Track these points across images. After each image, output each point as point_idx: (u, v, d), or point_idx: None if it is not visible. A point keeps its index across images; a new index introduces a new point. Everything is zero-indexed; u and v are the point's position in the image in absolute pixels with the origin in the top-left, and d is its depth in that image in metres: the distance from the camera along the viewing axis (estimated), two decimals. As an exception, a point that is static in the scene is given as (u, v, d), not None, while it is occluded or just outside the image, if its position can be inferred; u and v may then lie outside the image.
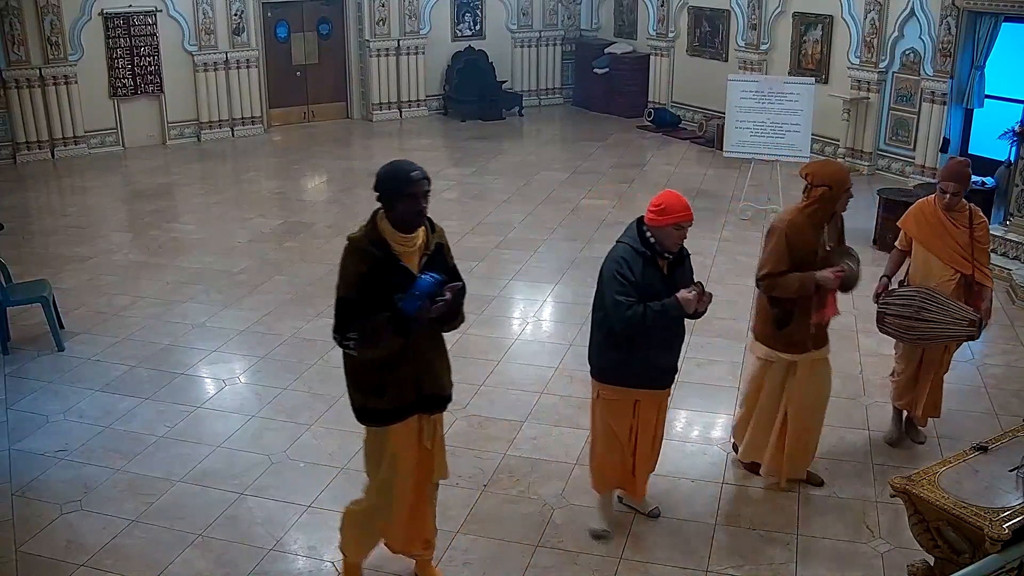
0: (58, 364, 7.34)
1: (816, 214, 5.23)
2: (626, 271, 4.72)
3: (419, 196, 4.13)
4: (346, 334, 4.14)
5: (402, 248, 4.21)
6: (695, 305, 4.69)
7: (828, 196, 5.17)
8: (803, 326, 5.31)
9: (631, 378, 4.93)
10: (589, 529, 5.27)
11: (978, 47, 11.27)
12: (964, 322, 5.58)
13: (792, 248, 5.20)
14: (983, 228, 5.79)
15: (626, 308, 4.68)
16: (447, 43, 16.61)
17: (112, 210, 11.63)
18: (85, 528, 5.34)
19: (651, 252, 4.78)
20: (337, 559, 5.06)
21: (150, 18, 14.03)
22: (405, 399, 4.33)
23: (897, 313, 5.72)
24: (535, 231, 10.54)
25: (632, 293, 4.69)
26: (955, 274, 5.75)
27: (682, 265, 4.92)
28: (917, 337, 5.78)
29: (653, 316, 4.67)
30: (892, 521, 5.32)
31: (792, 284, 5.20)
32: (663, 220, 4.71)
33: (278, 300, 8.60)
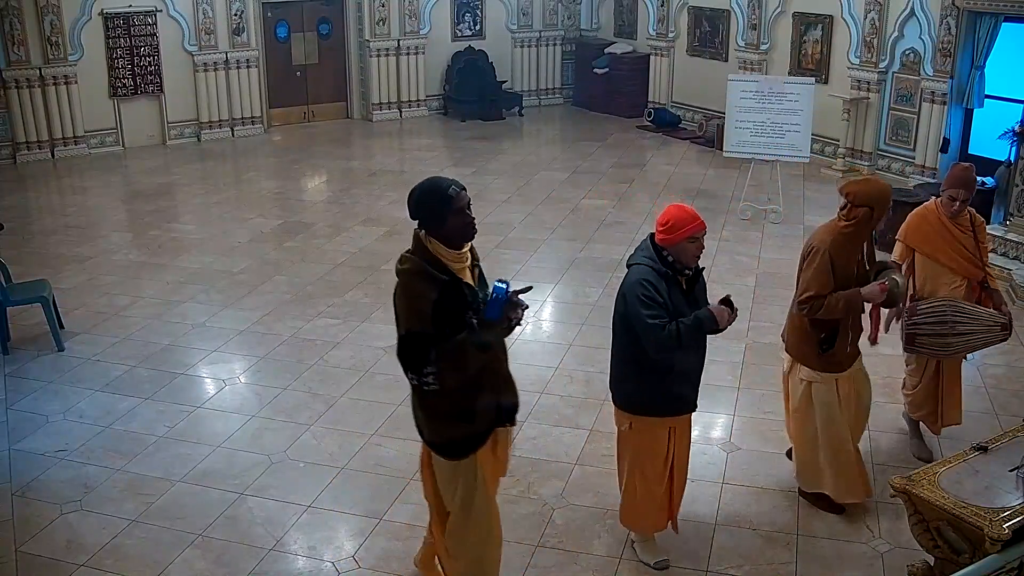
0: (58, 364, 7.34)
1: (857, 233, 5.07)
2: (652, 293, 4.50)
3: (465, 209, 3.96)
4: (423, 370, 3.86)
5: (457, 265, 4.01)
6: (726, 319, 4.53)
7: (870, 217, 5.01)
8: (844, 345, 5.17)
9: (667, 406, 4.76)
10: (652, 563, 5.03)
11: (978, 47, 11.27)
12: (996, 327, 5.54)
13: (835, 268, 5.04)
14: (983, 229, 5.77)
15: (660, 329, 4.47)
16: (447, 43, 16.61)
17: (112, 210, 11.63)
18: (85, 528, 5.34)
19: (671, 271, 4.60)
20: (338, 559, 5.06)
21: (150, 18, 14.03)
22: (490, 419, 4.18)
23: (930, 332, 5.56)
24: (535, 231, 10.54)
25: (663, 314, 4.50)
26: (963, 280, 5.69)
27: (699, 280, 4.77)
28: (954, 352, 5.66)
29: (688, 332, 4.50)
30: (892, 521, 5.32)
31: (838, 304, 5.02)
32: (675, 237, 4.53)
33: (278, 300, 8.60)
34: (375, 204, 11.66)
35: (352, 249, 9.95)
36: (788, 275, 6.02)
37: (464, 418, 4.08)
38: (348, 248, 9.98)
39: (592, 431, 6.30)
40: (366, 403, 6.67)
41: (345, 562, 5.06)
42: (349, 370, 7.21)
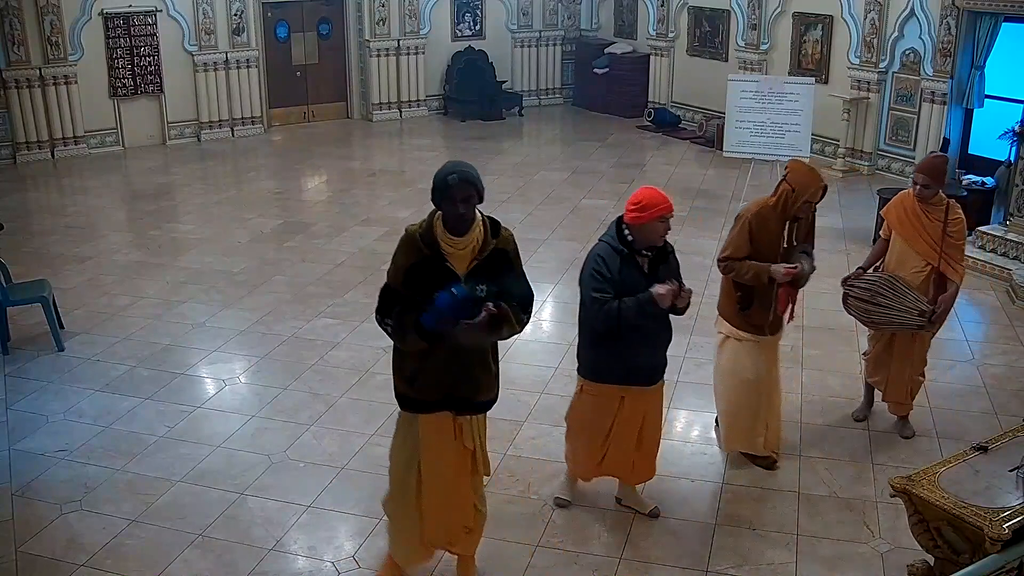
0: (58, 364, 7.34)
1: (779, 209, 5.47)
2: (603, 268, 4.80)
3: (455, 200, 4.08)
4: (384, 319, 4.26)
5: (451, 249, 4.19)
6: (670, 300, 4.73)
7: (789, 197, 5.42)
8: (763, 311, 5.60)
9: (615, 375, 5.01)
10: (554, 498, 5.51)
11: (978, 47, 11.28)
12: (915, 311, 5.77)
13: (754, 237, 5.47)
14: (958, 224, 5.88)
15: (602, 304, 4.78)
16: (447, 43, 16.61)
17: (112, 210, 11.63)
18: (85, 528, 5.34)
19: (629, 250, 4.84)
20: (338, 559, 5.07)
21: (150, 18, 14.02)
22: (433, 394, 4.37)
23: (857, 296, 5.96)
24: (535, 231, 10.53)
25: (608, 290, 4.78)
26: (926, 266, 5.89)
27: (666, 262, 4.96)
28: (872, 321, 6.01)
29: (628, 311, 4.75)
30: (892, 521, 5.32)
31: (747, 271, 5.47)
32: (646, 216, 4.76)
33: (278, 300, 8.60)
34: (375, 204, 11.66)
35: (352, 249, 9.95)
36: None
37: (407, 379, 4.39)
38: (348, 248, 9.98)
39: (592, 431, 6.30)
40: (366, 403, 6.67)
41: (345, 562, 5.06)
42: (349, 370, 7.21)
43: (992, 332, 8.10)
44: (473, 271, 4.19)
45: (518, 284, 4.33)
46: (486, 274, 4.19)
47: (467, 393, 4.41)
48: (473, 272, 4.18)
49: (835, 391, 6.89)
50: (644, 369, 5.05)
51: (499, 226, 4.32)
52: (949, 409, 6.63)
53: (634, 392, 5.08)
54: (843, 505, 5.55)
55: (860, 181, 12.49)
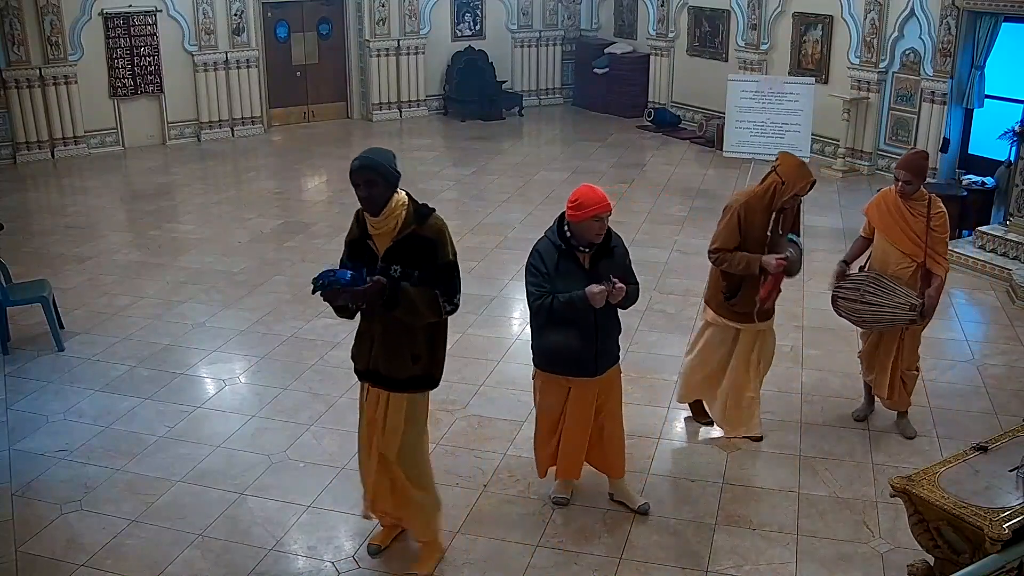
0: (58, 364, 7.34)
1: (766, 200, 5.61)
2: (539, 263, 4.93)
3: (356, 185, 4.43)
4: None
5: (373, 230, 4.52)
6: (603, 300, 4.80)
7: (776, 188, 5.58)
8: (749, 300, 5.77)
9: (558, 365, 5.12)
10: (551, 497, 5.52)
11: (978, 47, 11.27)
12: (905, 307, 5.82)
13: (743, 227, 5.62)
14: (940, 218, 5.92)
15: (536, 298, 4.91)
16: (447, 43, 16.61)
17: (112, 210, 11.63)
18: (85, 528, 5.34)
19: (567, 246, 4.93)
20: (337, 559, 5.08)
21: (150, 18, 14.02)
22: (358, 363, 4.79)
23: (846, 296, 6.04)
24: (535, 231, 10.41)
25: (543, 284, 4.90)
26: (911, 262, 5.92)
27: (609, 257, 5.01)
28: (863, 320, 6.06)
29: (560, 307, 4.86)
30: (892, 521, 5.32)
31: (739, 262, 5.64)
32: (581, 215, 4.85)
33: (278, 300, 8.60)
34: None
35: (352, 249, 9.93)
36: (788, 275, 6.06)
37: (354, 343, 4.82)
38: (348, 248, 9.97)
39: (592, 431, 6.29)
40: (366, 403, 6.67)
41: (345, 562, 5.06)
42: (349, 370, 7.08)
43: (992, 332, 8.11)
44: (389, 251, 4.48)
45: (442, 273, 4.50)
46: (404, 257, 4.46)
47: (378, 367, 4.67)
48: (389, 252, 4.48)
49: (835, 391, 6.89)
50: (586, 360, 5.06)
51: (428, 214, 4.54)
52: (949, 409, 6.63)
53: (579, 382, 5.13)
54: (843, 505, 5.55)
55: (860, 181, 12.49)
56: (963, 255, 9.26)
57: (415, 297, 4.42)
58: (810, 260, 6.14)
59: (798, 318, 8.00)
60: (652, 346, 7.59)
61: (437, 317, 4.55)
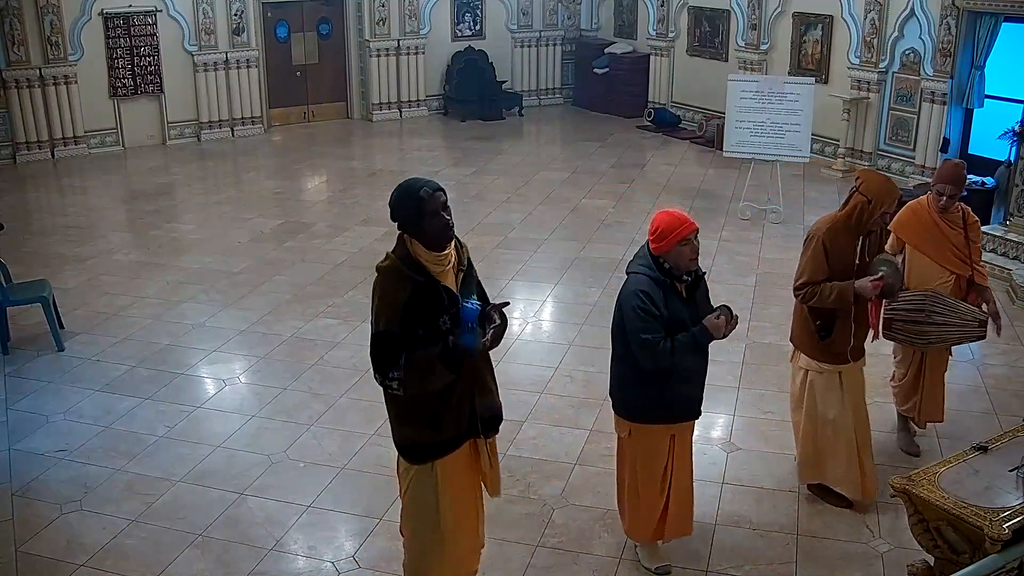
0: (58, 364, 7.33)
1: (852, 223, 5.06)
2: (649, 306, 4.43)
3: (438, 212, 3.85)
4: (389, 373, 3.82)
5: (438, 268, 3.90)
6: (724, 330, 4.48)
7: (865, 208, 5.00)
8: (845, 336, 5.16)
9: (667, 413, 4.69)
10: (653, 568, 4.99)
11: (978, 47, 11.27)
12: (974, 323, 5.56)
13: (829, 257, 5.06)
14: (976, 228, 5.77)
15: (655, 345, 4.43)
16: (447, 43, 16.61)
17: (112, 210, 11.63)
18: (85, 528, 5.34)
19: (670, 279, 4.52)
20: (338, 559, 5.07)
21: (150, 18, 14.02)
22: (460, 427, 4.03)
23: (906, 318, 5.60)
24: (535, 231, 10.53)
25: (659, 328, 4.44)
26: (951, 276, 5.72)
27: (700, 285, 4.69)
28: (928, 341, 5.68)
29: (684, 348, 4.46)
30: (892, 521, 5.32)
31: (829, 294, 5.04)
32: (666, 244, 4.45)
33: (278, 300, 8.60)
34: (375, 204, 11.65)
35: (352, 249, 9.95)
36: (788, 275, 6.02)
37: (430, 424, 3.97)
38: (348, 248, 9.98)
39: (592, 431, 6.30)
40: (366, 403, 6.67)
41: (345, 562, 5.06)
42: (349, 370, 7.20)
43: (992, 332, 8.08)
44: (463, 284, 3.99)
45: (483, 292, 4.21)
46: (469, 284, 4.04)
47: (490, 411, 4.14)
48: (462, 285, 3.99)
49: (835, 391, 6.88)
50: (694, 401, 4.77)
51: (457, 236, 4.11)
52: (949, 409, 6.61)
53: (682, 428, 4.80)
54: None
55: (860, 181, 12.48)
56: (963, 255, 9.25)
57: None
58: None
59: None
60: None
61: None
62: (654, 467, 4.78)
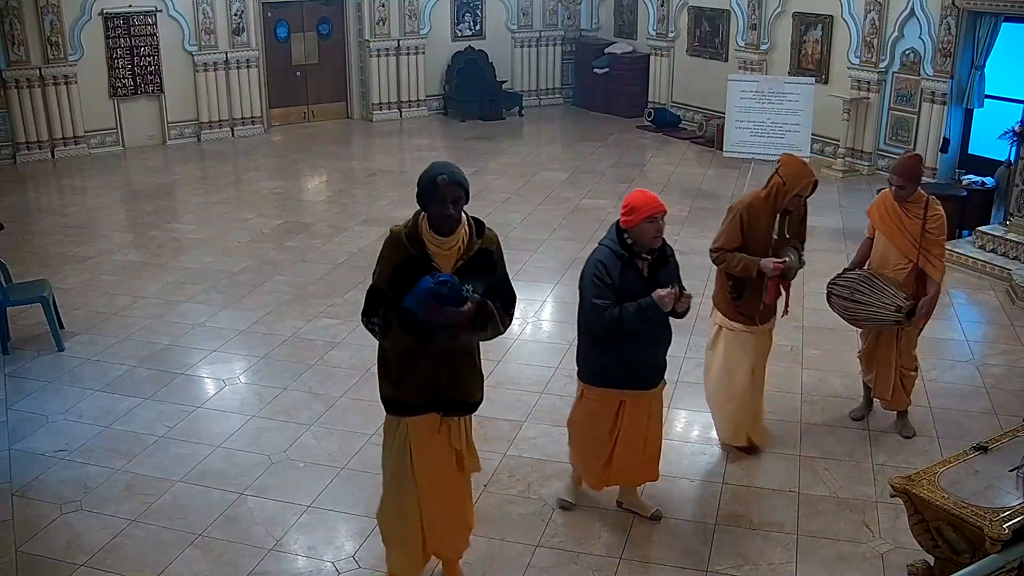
0: (58, 364, 7.33)
1: (769, 201, 5.57)
2: (603, 274, 4.78)
3: (445, 201, 4.09)
4: (371, 319, 4.26)
5: (437, 249, 4.19)
6: (671, 303, 4.72)
7: (779, 189, 5.53)
8: (754, 301, 5.73)
9: (616, 380, 4.99)
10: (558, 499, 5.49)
11: (978, 47, 11.27)
12: (891, 307, 5.85)
13: (745, 229, 5.58)
14: (936, 220, 5.94)
15: (603, 311, 4.76)
16: (447, 43, 16.61)
17: (112, 210, 11.63)
18: (85, 528, 5.34)
19: (630, 254, 4.82)
20: (337, 559, 5.07)
21: (150, 18, 14.02)
22: (420, 396, 4.34)
23: (838, 293, 6.11)
24: (535, 231, 10.53)
25: (609, 296, 4.76)
26: (908, 263, 5.96)
27: (665, 264, 4.94)
28: (852, 317, 6.11)
29: (630, 317, 4.73)
30: (892, 521, 5.32)
31: (737, 263, 5.60)
32: (635, 218, 4.76)
33: (278, 300, 8.60)
34: (375, 204, 11.67)
35: (352, 249, 9.95)
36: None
37: (394, 383, 4.37)
38: (348, 248, 9.98)
39: (592, 431, 6.29)
40: (366, 403, 6.66)
41: (345, 562, 5.06)
42: (349, 370, 7.21)
43: (992, 332, 8.10)
44: (459, 271, 4.18)
45: (502, 285, 4.36)
46: (471, 274, 4.20)
47: (454, 395, 4.40)
48: (459, 272, 4.17)
49: (835, 391, 6.89)
50: (645, 372, 5.03)
51: (483, 226, 4.34)
52: (949, 409, 6.63)
53: (635, 396, 5.06)
54: (843, 505, 5.55)
55: (860, 181, 12.49)
56: (963, 255, 9.26)
57: (497, 314, 4.24)
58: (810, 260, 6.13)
59: (798, 318, 7.99)
60: (652, 346, 7.59)
61: (500, 332, 4.37)
62: (600, 428, 5.13)
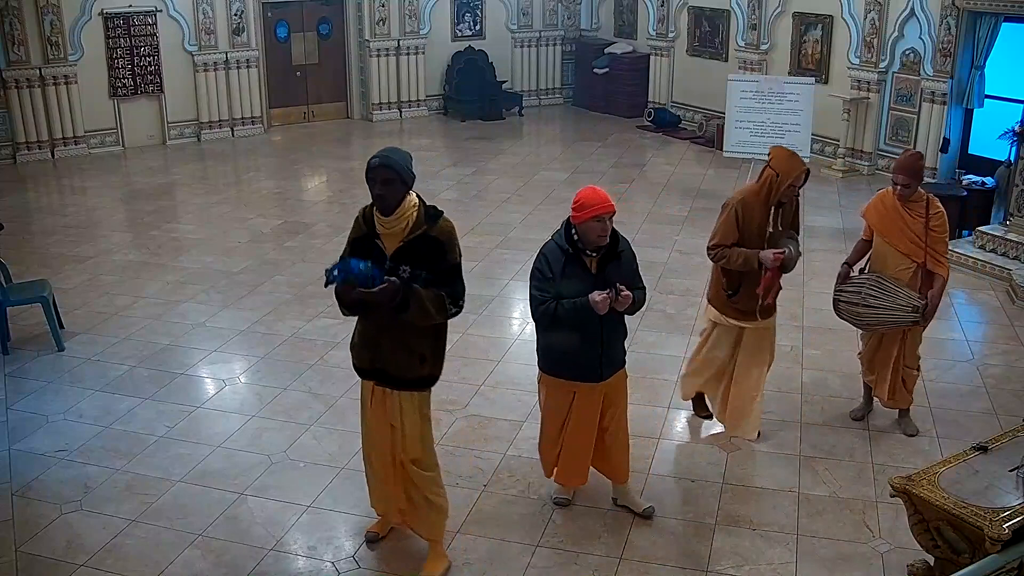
0: (58, 364, 7.33)
1: (763, 194, 5.62)
2: (544, 267, 4.88)
3: (375, 181, 4.50)
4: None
5: (383, 229, 4.53)
6: (606, 307, 4.75)
7: (773, 181, 5.58)
8: (751, 297, 5.76)
9: (563, 370, 5.09)
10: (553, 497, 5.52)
11: (978, 47, 11.27)
12: (908, 308, 5.84)
13: (741, 223, 5.64)
14: (939, 218, 5.93)
15: (539, 303, 4.87)
16: (447, 43, 16.61)
17: (112, 210, 11.62)
18: (85, 528, 5.34)
19: (574, 250, 4.88)
20: (337, 559, 5.08)
21: (150, 18, 14.02)
22: (361, 361, 4.76)
23: (848, 300, 6.07)
24: (535, 231, 10.52)
25: (548, 288, 4.85)
26: (911, 263, 5.94)
27: (617, 261, 4.96)
28: (866, 323, 6.08)
29: (564, 313, 4.81)
30: (892, 521, 5.32)
31: (737, 258, 5.65)
32: (583, 215, 4.81)
33: (278, 300, 8.60)
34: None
35: (352, 249, 9.93)
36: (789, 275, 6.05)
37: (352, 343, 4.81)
38: (348, 248, 9.97)
39: (592, 431, 6.29)
40: (366, 403, 6.67)
41: (345, 562, 5.07)
42: (349, 370, 7.06)
43: (992, 332, 8.10)
44: (398, 252, 4.46)
45: (448, 275, 4.52)
46: (412, 258, 4.44)
47: (387, 366, 4.65)
48: (397, 253, 4.46)
49: (835, 391, 6.89)
50: (591, 366, 5.02)
51: (439, 216, 4.58)
52: (949, 409, 6.63)
53: (583, 388, 5.08)
54: (843, 505, 5.55)
55: (860, 181, 12.49)
56: (963, 255, 9.26)
57: (425, 299, 4.42)
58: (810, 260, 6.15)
59: (798, 318, 8.00)
60: (652, 346, 7.59)
61: (444, 319, 4.57)
62: (552, 414, 5.23)
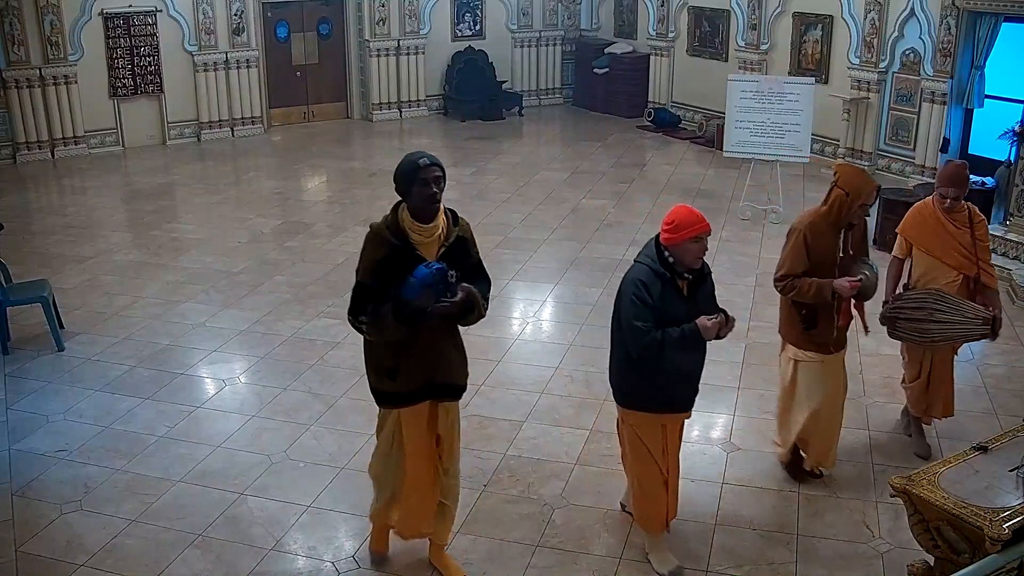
0: (58, 364, 7.33)
1: (832, 217, 5.21)
2: (644, 294, 4.52)
3: (429, 181, 4.23)
4: (359, 317, 4.33)
5: (420, 238, 4.32)
6: (715, 332, 4.54)
7: (843, 201, 5.15)
8: (829, 327, 5.34)
9: (655, 403, 4.74)
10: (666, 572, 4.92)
11: (978, 47, 11.27)
12: (979, 320, 5.54)
13: (810, 250, 5.20)
14: (983, 227, 5.75)
15: (644, 334, 4.51)
16: (447, 43, 16.61)
17: (112, 210, 11.62)
18: (85, 528, 5.34)
19: (670, 273, 4.58)
20: (338, 559, 5.07)
21: (150, 18, 14.02)
22: (415, 385, 4.46)
23: (910, 317, 5.62)
24: (535, 231, 10.53)
25: (649, 317, 4.51)
26: (958, 276, 5.71)
27: (704, 284, 4.74)
28: (932, 339, 5.68)
29: (672, 343, 4.52)
30: (892, 521, 5.32)
31: (808, 288, 5.20)
32: (679, 236, 4.52)
33: (278, 300, 8.60)
34: (375, 204, 11.64)
35: (352, 249, 9.87)
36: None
37: (388, 374, 4.46)
38: (348, 248, 9.96)
39: (592, 431, 6.30)
40: (366, 403, 6.59)
41: (345, 562, 5.07)
42: (349, 370, 7.20)
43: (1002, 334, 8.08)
44: (441, 258, 4.31)
45: (476, 272, 4.50)
46: (452, 261, 4.32)
47: (447, 379, 4.54)
48: (442, 259, 4.31)
49: (835, 391, 6.88)
50: (689, 395, 4.82)
51: (457, 215, 4.50)
52: (949, 409, 6.62)
53: (673, 419, 4.86)
54: (843, 505, 5.55)
55: (860, 181, 12.48)
56: (963, 255, 9.25)
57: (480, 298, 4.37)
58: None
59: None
60: (652, 346, 7.58)
61: (482, 316, 4.49)
62: (652, 455, 4.84)
